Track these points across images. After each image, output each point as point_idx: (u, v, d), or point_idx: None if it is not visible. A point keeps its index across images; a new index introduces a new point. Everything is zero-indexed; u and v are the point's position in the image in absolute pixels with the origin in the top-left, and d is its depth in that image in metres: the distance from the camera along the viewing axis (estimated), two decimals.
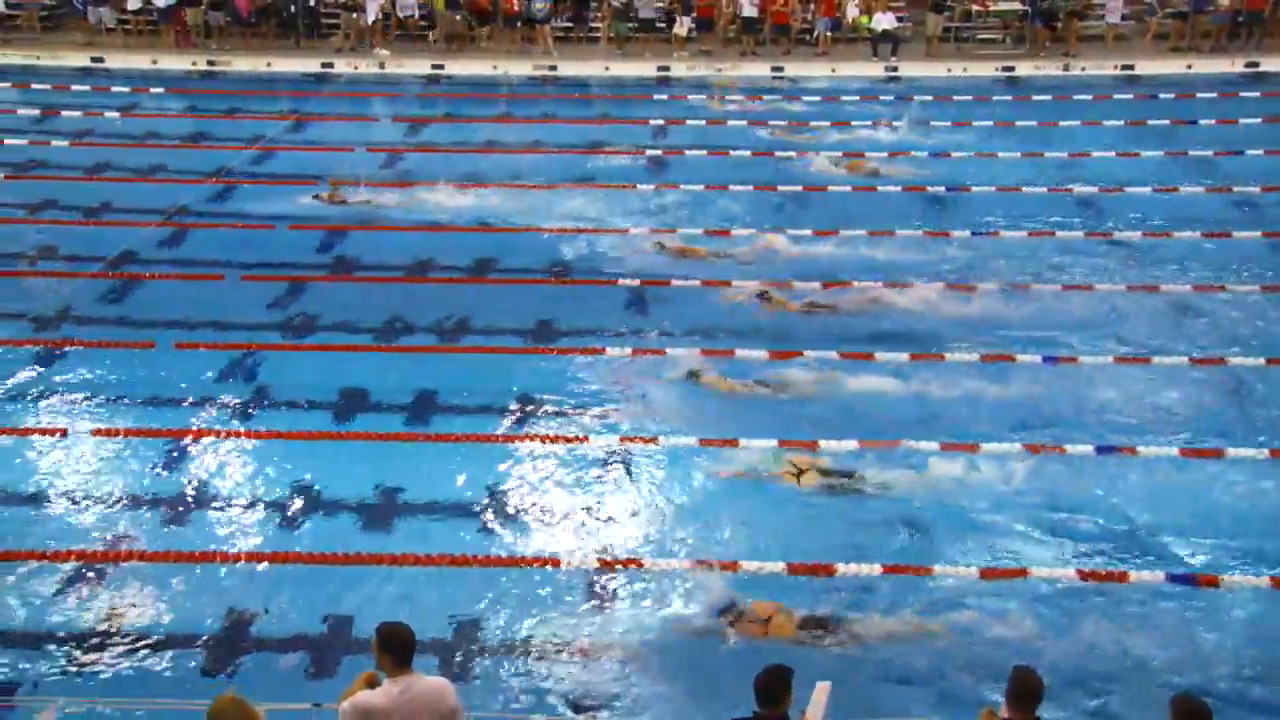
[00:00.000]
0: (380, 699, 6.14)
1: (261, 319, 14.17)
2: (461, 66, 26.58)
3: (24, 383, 12.59)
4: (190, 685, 8.32)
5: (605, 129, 22.18)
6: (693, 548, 9.99)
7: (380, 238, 16.78)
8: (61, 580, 9.49)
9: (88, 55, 26.71)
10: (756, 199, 18.45)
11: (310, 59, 26.86)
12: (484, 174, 19.34)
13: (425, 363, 13.20)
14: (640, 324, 14.11)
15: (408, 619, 6.44)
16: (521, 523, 10.40)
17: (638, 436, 11.61)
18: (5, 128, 21.78)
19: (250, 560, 9.77)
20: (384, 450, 11.43)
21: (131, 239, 16.38)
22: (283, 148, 21.00)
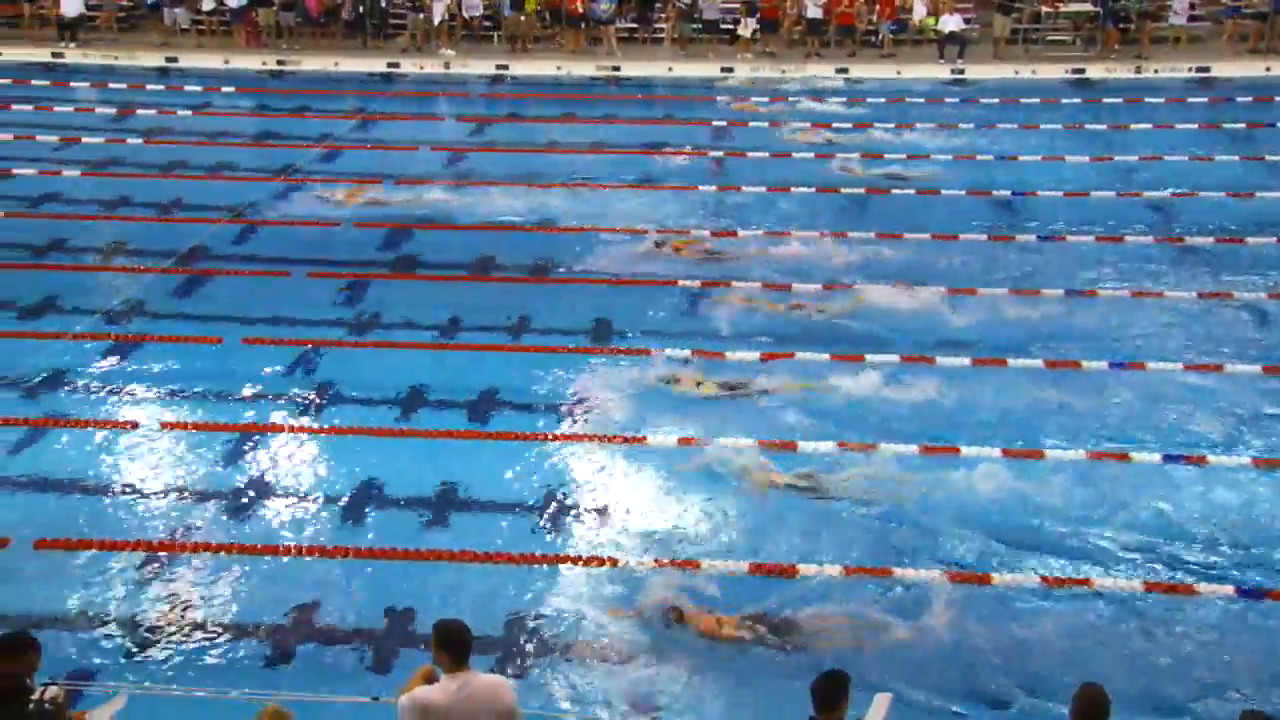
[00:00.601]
0: (438, 695, 6.20)
1: (326, 315, 14.35)
2: (525, 67, 26.72)
3: (97, 376, 12.85)
4: (254, 676, 8.47)
5: (668, 130, 22.17)
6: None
7: (443, 236, 16.92)
8: (130, 569, 9.69)
9: (163, 55, 27.24)
10: (818, 201, 18.35)
11: (377, 59, 27.17)
12: (545, 174, 19.45)
13: (486, 361, 13.28)
14: (699, 326, 14.09)
15: (465, 616, 6.50)
16: (578, 521, 10.44)
17: (695, 438, 11.61)
18: (84, 126, 22.26)
19: (312, 554, 9.91)
20: (445, 447, 11.53)
21: (201, 235, 16.68)
22: (349, 146, 21.26)
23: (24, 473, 11.04)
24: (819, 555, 9.88)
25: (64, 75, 26.20)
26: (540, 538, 10.23)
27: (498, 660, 8.56)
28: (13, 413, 11.97)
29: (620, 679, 8.53)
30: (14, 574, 9.56)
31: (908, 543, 10.09)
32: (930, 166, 19.75)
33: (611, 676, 8.57)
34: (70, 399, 12.39)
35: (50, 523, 10.21)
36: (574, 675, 8.56)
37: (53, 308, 14.47)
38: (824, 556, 9.85)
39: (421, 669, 6.45)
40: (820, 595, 9.38)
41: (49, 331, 13.74)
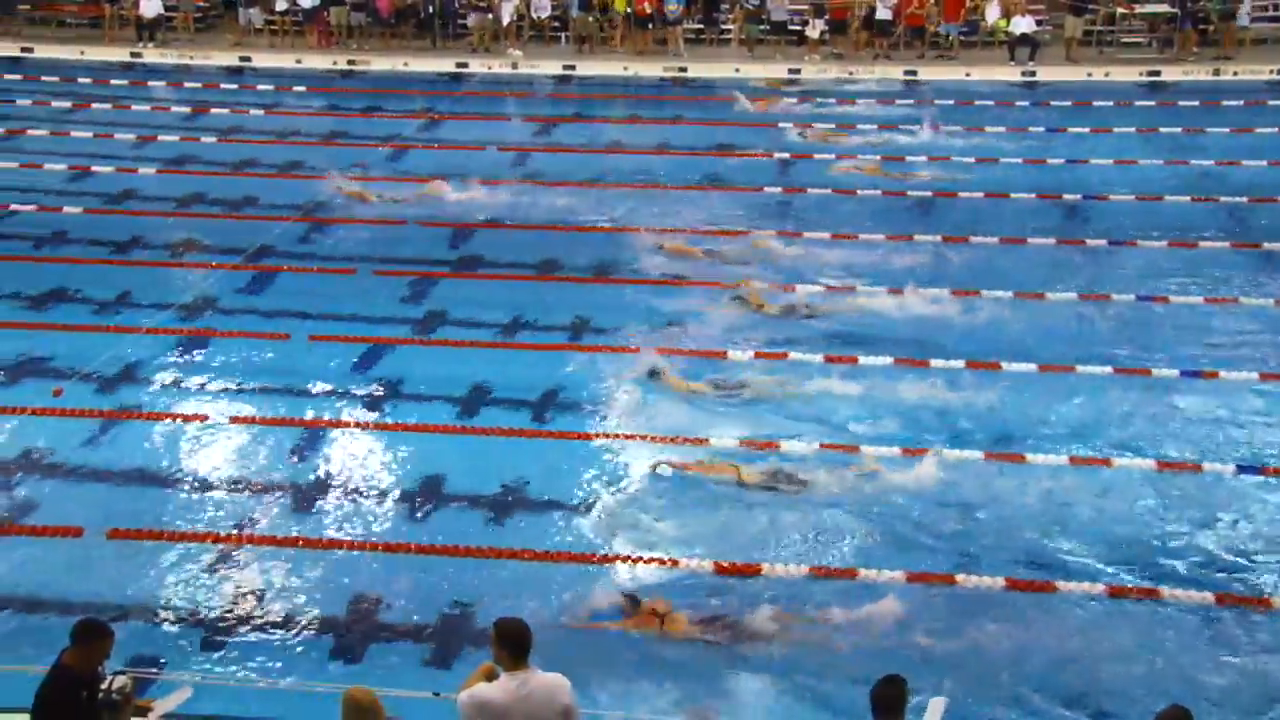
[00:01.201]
0: (498, 693, 6.23)
1: (391, 313, 14.50)
2: (592, 67, 26.81)
3: (168, 369, 13.10)
4: (318, 668, 8.58)
5: (734, 131, 22.12)
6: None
7: (507, 235, 17.02)
8: (199, 560, 9.85)
9: (236, 55, 27.72)
10: (885, 204, 18.21)
11: (445, 59, 27.42)
12: (611, 174, 19.50)
13: (548, 360, 13.33)
14: (768, 329, 14.04)
15: (525, 613, 6.53)
16: (640, 521, 10.44)
17: (767, 442, 11.56)
18: (159, 124, 22.71)
19: (375, 549, 10.02)
20: (508, 445, 11.60)
21: (270, 233, 16.94)
22: (417, 145, 21.47)
23: (97, 464, 11.28)
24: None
25: (142, 75, 26.75)
26: (598, 536, 10.24)
27: (547, 658, 8.57)
28: (87, 404, 12.22)
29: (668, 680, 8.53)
30: (87, 563, 9.76)
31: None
32: (999, 170, 19.52)
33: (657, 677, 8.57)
34: (142, 392, 12.63)
35: (122, 513, 10.42)
36: (623, 674, 8.57)
37: (128, 302, 14.77)
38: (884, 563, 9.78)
39: (482, 666, 6.49)
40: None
41: (123, 325, 14.01)
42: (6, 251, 16.26)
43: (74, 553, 9.90)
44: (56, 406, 12.10)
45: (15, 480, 10.93)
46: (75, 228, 17.22)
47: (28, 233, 17.02)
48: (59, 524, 10.20)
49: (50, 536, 10.08)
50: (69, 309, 14.53)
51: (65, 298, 14.81)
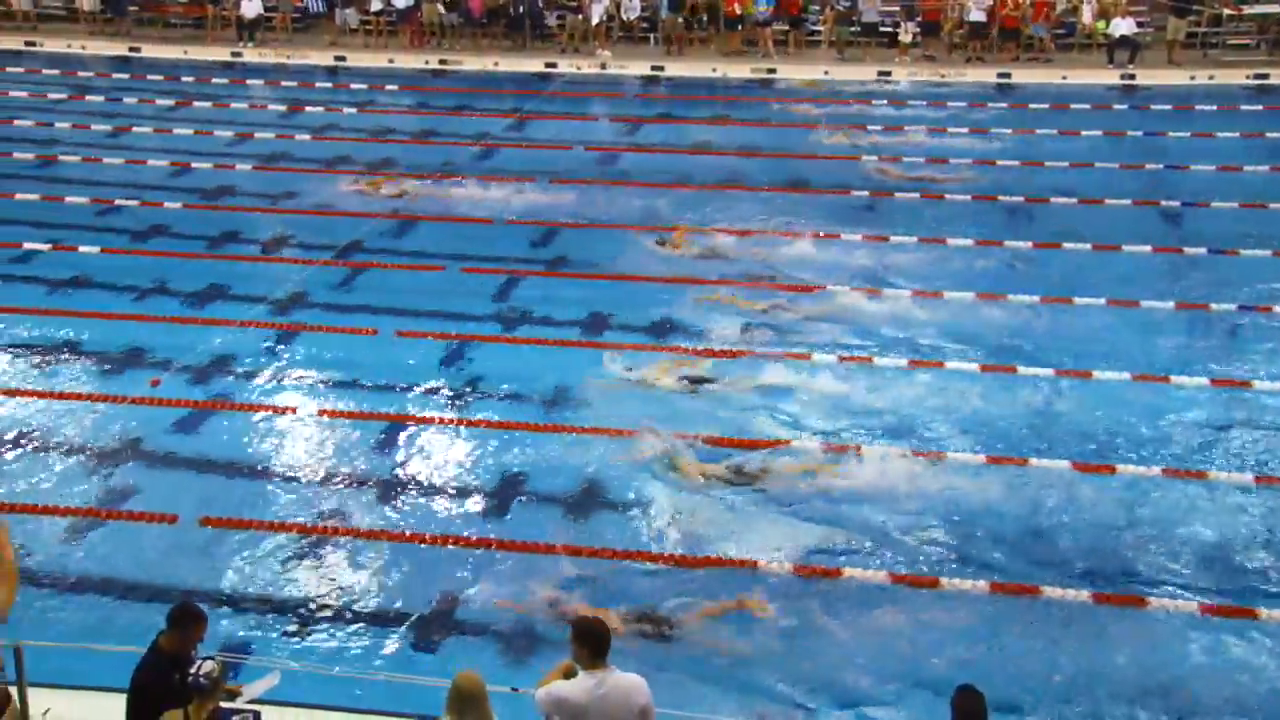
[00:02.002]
0: (575, 691, 6.26)
1: (478, 310, 14.64)
2: (681, 68, 26.82)
3: (260, 362, 13.39)
4: (399, 660, 8.70)
5: (822, 133, 21.93)
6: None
7: (593, 235, 17.08)
8: (287, 549, 10.05)
9: (332, 55, 28.26)
10: (976, 209, 17.94)
11: (535, 59, 27.65)
12: (696, 176, 19.49)
13: (630, 360, 13.35)
14: (849, 336, 13.93)
15: (602, 613, 6.56)
16: (716, 521, 10.42)
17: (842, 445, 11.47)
18: (256, 122, 23.22)
19: (457, 544, 10.12)
20: (589, 443, 11.64)
21: (361, 229, 17.21)
22: (505, 144, 21.67)
23: (191, 452, 11.57)
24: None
25: (241, 74, 27.40)
26: (678, 535, 10.24)
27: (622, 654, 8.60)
28: (182, 395, 12.54)
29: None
30: (180, 549, 10.01)
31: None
32: (1094, 175, 19.12)
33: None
34: (235, 383, 12.92)
35: (214, 501, 10.67)
36: (705, 671, 8.55)
37: (223, 295, 15.12)
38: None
39: (562, 663, 6.53)
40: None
41: (218, 318, 14.35)
42: (111, 245, 16.73)
43: (169, 539, 10.16)
44: (154, 396, 12.44)
45: (114, 467, 11.26)
46: (175, 222, 17.68)
47: (130, 226, 17.51)
48: (155, 510, 10.48)
49: (146, 522, 10.36)
50: (167, 301, 14.91)
51: (164, 290, 15.21)
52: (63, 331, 13.94)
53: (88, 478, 11.09)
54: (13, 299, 14.84)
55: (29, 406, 12.32)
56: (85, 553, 9.98)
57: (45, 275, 15.63)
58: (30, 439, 11.73)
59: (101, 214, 18.04)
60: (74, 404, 12.37)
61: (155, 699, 6.29)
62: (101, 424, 12.02)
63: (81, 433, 11.85)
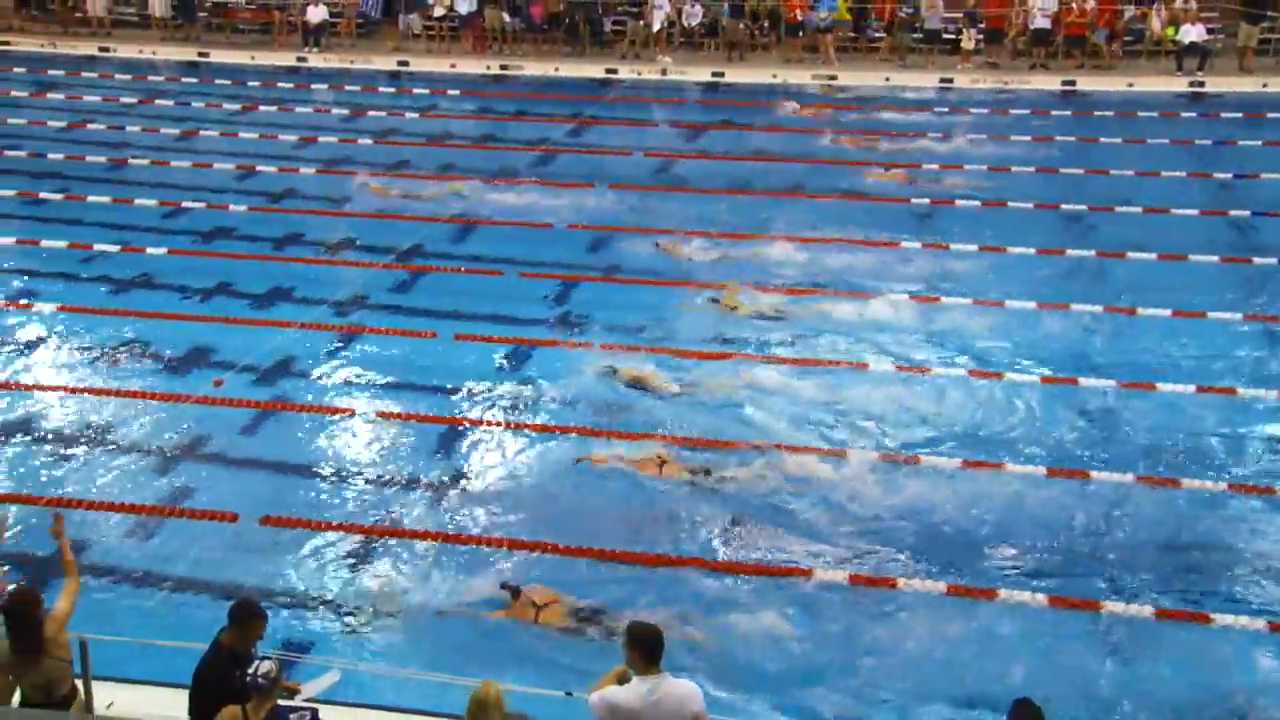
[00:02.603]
0: (629, 696, 6.26)
1: (536, 314, 14.70)
2: (741, 74, 26.77)
3: (321, 364, 13.55)
4: (455, 661, 8.70)
5: (881, 141, 21.79)
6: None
7: (649, 240, 17.08)
8: (345, 549, 10.16)
9: (395, 60, 28.57)
10: (1038, 218, 17.72)
11: (595, 65, 27.74)
12: (755, 183, 19.44)
13: (686, 366, 13.34)
14: (906, 344, 13.82)
15: (656, 618, 6.55)
16: (772, 530, 10.37)
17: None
18: (320, 126, 23.53)
19: (511, 547, 10.17)
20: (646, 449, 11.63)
21: (421, 233, 17.36)
22: (565, 150, 21.76)
23: (252, 452, 11.73)
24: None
25: (306, 78, 27.76)
26: (739, 544, 10.20)
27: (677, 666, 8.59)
28: (245, 395, 12.72)
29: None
30: (240, 547, 10.15)
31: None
32: (1159, 184, 18.81)
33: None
34: (296, 384, 13.08)
35: (274, 500, 10.81)
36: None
37: (286, 297, 15.33)
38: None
39: (616, 669, 6.54)
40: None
41: (280, 319, 14.54)
42: (177, 246, 17.01)
43: (229, 537, 10.31)
44: (216, 396, 12.63)
45: (177, 466, 11.45)
46: (240, 224, 17.95)
47: (197, 228, 17.79)
48: (216, 509, 10.64)
49: (208, 520, 10.53)
50: (231, 302, 15.14)
51: (228, 291, 15.45)
52: (129, 331, 14.21)
53: (151, 475, 11.29)
54: (82, 299, 15.14)
55: (96, 404, 12.57)
56: (147, 549, 10.15)
57: (113, 275, 15.94)
58: (96, 436, 11.96)
59: (169, 216, 18.36)
60: (139, 402, 12.59)
61: (215, 695, 6.39)
62: (165, 423, 12.22)
63: (145, 431, 12.07)
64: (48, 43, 29.80)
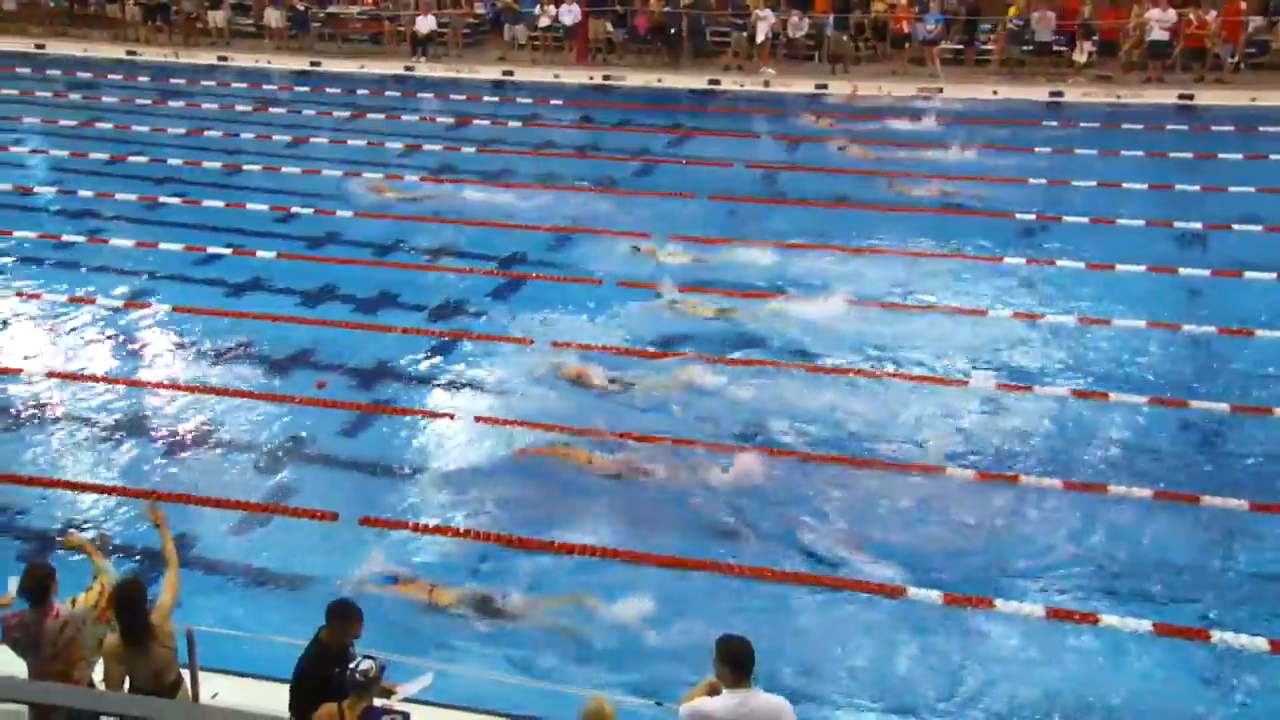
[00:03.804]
0: (718, 709, 6.23)
1: (634, 324, 14.70)
2: (845, 87, 26.54)
3: (421, 368, 13.74)
4: (550, 666, 8.80)
5: (988, 155, 21.43)
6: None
7: (748, 251, 17.02)
8: (442, 553, 10.27)
9: (499, 69, 28.96)
10: (1149, 235, 17.26)
11: (698, 76, 27.79)
12: (853, 195, 19.28)
13: (770, 374, 13.26)
14: (1013, 360, 13.57)
15: (749, 632, 6.50)
16: (870, 545, 10.26)
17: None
18: (425, 134, 23.95)
19: (606, 556, 10.19)
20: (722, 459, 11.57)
21: (522, 242, 17.54)
22: (665, 160, 21.81)
23: (353, 453, 11.94)
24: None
25: (413, 86, 28.29)
26: (830, 558, 10.11)
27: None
28: (346, 397, 12.98)
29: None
30: (340, 546, 10.33)
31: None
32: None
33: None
34: (397, 388, 13.29)
35: (373, 501, 10.99)
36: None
37: (389, 302, 15.61)
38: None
39: (706, 680, 6.51)
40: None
41: (382, 324, 14.80)
42: (287, 250, 17.44)
43: (329, 536, 10.51)
44: (319, 397, 12.90)
45: (280, 464, 11.72)
46: (345, 229, 18.35)
47: (305, 233, 18.23)
48: (317, 508, 10.86)
49: (308, 519, 10.75)
50: (336, 306, 15.47)
51: (334, 295, 15.79)
52: (238, 332, 14.59)
53: (254, 473, 11.56)
54: (194, 299, 15.59)
55: (205, 402, 12.93)
56: (250, 545, 10.39)
57: (225, 278, 16.39)
58: (204, 434, 12.29)
59: (279, 220, 18.84)
60: (244, 401, 12.91)
61: (314, 691, 6.51)
62: (269, 422, 12.51)
63: (250, 430, 12.38)
64: (170, 52, 30.86)
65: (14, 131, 24.22)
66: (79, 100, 26.86)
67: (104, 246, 17.63)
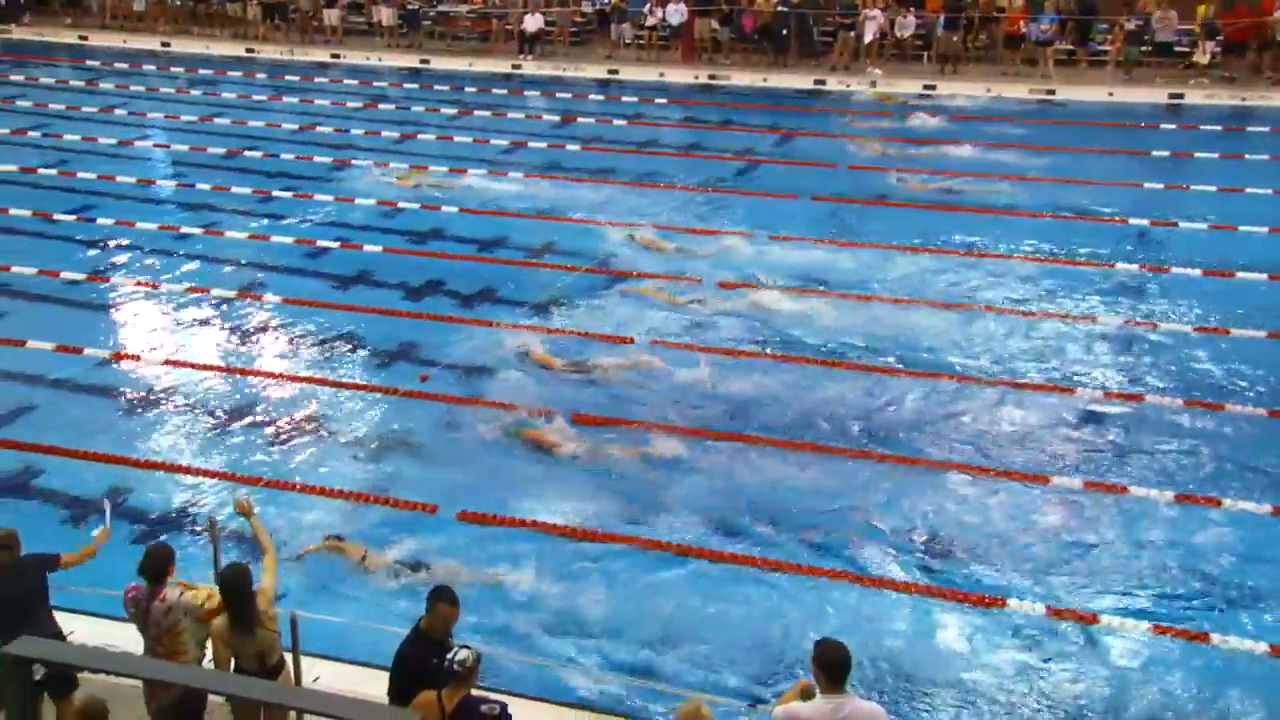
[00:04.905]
0: (813, 714, 6.16)
1: (733, 325, 14.64)
2: (953, 88, 26.13)
3: (513, 363, 13.76)
4: (646, 665, 8.79)
5: (1104, 160, 20.89)
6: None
7: (854, 254, 16.85)
8: (540, 550, 10.26)
9: (605, 68, 29.11)
10: (1272, 243, 16.66)
11: (804, 76, 27.59)
12: (959, 199, 18.97)
13: (890, 385, 13.10)
14: (1124, 370, 13.21)
15: (846, 637, 6.43)
16: (960, 558, 10.08)
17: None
18: (530, 132, 24.16)
19: (700, 556, 10.17)
20: (837, 467, 11.49)
21: (620, 239, 17.57)
22: (769, 160, 21.69)
23: (454, 447, 12.06)
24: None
25: (519, 85, 28.56)
26: (927, 568, 9.96)
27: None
28: (449, 390, 13.14)
29: None
30: (438, 539, 10.44)
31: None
32: None
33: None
34: (496, 382, 13.38)
35: (472, 495, 11.09)
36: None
37: (491, 298, 15.76)
38: None
39: (800, 683, 6.46)
40: None
41: (485, 319, 14.96)
42: (392, 245, 17.75)
43: (427, 528, 10.64)
44: (422, 390, 13.08)
45: (381, 455, 11.91)
46: (450, 225, 18.60)
47: (411, 228, 18.52)
48: (417, 499, 11.02)
49: (408, 510, 10.90)
50: (440, 300, 15.69)
51: (438, 290, 16.02)
52: (344, 324, 14.90)
53: (356, 463, 11.76)
54: (304, 292, 15.96)
55: (310, 392, 13.21)
56: (352, 535, 10.53)
57: (333, 271, 16.73)
58: (308, 423, 12.55)
59: (386, 215, 19.18)
60: (349, 393, 13.17)
61: (413, 678, 6.61)
62: (372, 414, 12.73)
63: (354, 420, 12.60)
64: (287, 50, 31.64)
65: (140, 126, 25.07)
66: (199, 96, 27.68)
67: (219, 238, 18.15)
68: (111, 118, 25.47)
